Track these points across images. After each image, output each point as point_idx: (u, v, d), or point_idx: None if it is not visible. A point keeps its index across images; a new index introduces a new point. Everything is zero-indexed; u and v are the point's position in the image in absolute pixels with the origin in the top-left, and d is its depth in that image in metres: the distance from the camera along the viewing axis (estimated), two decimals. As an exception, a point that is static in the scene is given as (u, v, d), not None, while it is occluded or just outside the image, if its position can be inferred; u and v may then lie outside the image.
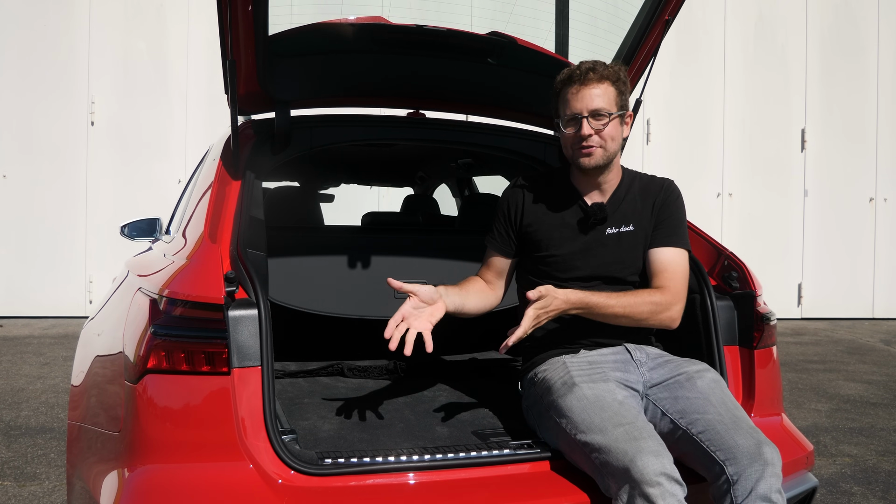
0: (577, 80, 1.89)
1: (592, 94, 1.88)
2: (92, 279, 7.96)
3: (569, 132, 1.91)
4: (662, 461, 1.54)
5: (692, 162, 8.75)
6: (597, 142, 1.89)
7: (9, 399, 4.48)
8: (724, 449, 1.63)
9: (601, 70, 1.90)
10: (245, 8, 1.84)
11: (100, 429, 1.81)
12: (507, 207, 2.05)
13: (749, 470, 1.59)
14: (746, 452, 1.60)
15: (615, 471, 1.56)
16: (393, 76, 2.42)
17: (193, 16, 8.08)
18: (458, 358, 2.80)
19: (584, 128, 1.88)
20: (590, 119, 1.88)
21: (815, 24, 9.00)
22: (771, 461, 1.60)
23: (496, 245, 2.07)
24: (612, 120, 1.89)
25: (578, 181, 2.01)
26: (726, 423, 1.67)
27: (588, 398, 1.72)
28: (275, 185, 3.43)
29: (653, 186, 2.03)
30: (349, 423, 2.01)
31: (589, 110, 1.88)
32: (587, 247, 1.95)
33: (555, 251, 1.96)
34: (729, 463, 1.61)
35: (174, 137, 8.11)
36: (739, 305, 2.05)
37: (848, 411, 4.52)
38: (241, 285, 1.67)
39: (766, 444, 1.62)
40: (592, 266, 1.94)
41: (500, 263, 2.07)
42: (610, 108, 1.89)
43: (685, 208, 2.02)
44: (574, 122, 1.90)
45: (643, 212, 1.98)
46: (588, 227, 1.96)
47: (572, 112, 1.90)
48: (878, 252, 9.11)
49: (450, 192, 4.47)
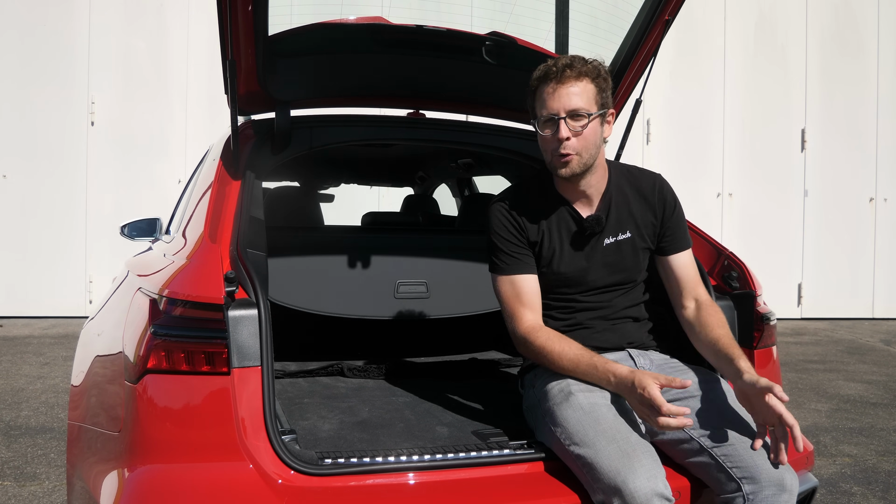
0: (553, 78, 1.77)
1: (570, 92, 1.75)
2: (92, 279, 7.96)
3: (546, 134, 1.80)
4: (655, 482, 1.51)
5: (692, 162, 8.75)
6: (573, 148, 1.77)
7: (9, 399, 4.48)
8: (743, 467, 1.60)
9: (579, 66, 1.77)
10: (245, 8, 1.84)
11: (100, 429, 1.81)
12: (507, 226, 1.90)
13: (767, 492, 1.57)
14: (767, 475, 1.58)
15: (606, 488, 1.54)
16: (393, 76, 2.42)
17: (193, 16, 8.08)
18: (458, 358, 2.80)
19: (561, 130, 1.76)
20: (567, 120, 1.76)
21: (815, 24, 9.00)
22: (790, 489, 1.58)
23: (522, 266, 1.88)
24: (591, 121, 1.77)
25: (563, 188, 1.91)
26: (746, 441, 1.64)
27: (584, 408, 1.68)
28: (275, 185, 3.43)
29: (644, 184, 1.95)
30: (349, 423, 2.00)
31: (567, 110, 1.76)
32: (589, 262, 1.90)
33: (558, 268, 1.89)
34: (747, 482, 1.59)
35: (174, 137, 8.11)
36: (739, 305, 2.05)
37: (848, 411, 4.52)
38: (241, 285, 1.67)
39: (788, 471, 1.60)
40: (597, 278, 1.91)
41: (533, 283, 1.88)
42: (589, 107, 1.77)
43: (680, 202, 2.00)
44: (551, 123, 1.78)
45: (637, 213, 1.93)
46: (585, 240, 1.90)
47: (549, 112, 1.77)
48: (878, 252, 9.11)
49: (450, 192, 4.47)
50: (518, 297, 1.87)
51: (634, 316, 1.95)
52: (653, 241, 1.95)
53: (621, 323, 1.93)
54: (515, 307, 1.87)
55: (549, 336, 1.81)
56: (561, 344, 1.78)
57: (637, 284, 1.97)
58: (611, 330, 1.91)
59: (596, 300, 1.92)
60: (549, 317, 1.91)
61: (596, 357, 1.74)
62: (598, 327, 1.90)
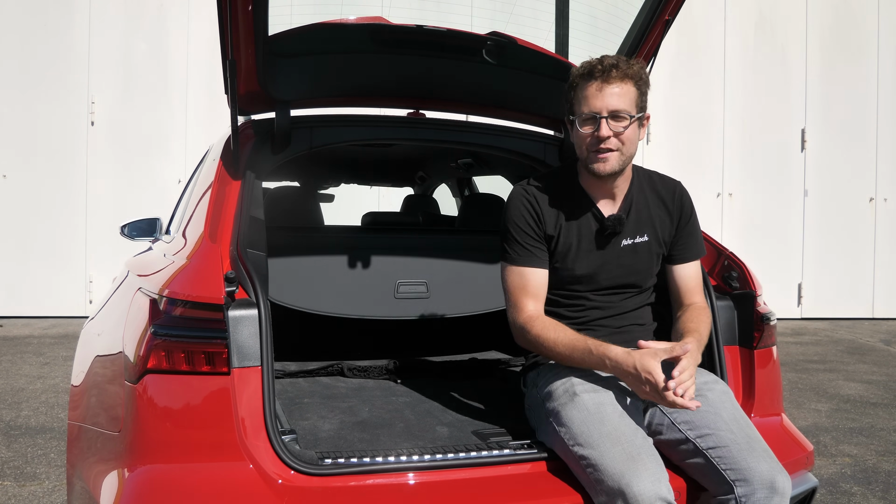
0: (598, 77, 1.76)
1: (614, 93, 1.75)
2: (92, 279, 7.96)
3: (585, 131, 1.79)
4: (658, 486, 1.52)
5: (692, 162, 8.75)
6: (614, 145, 1.77)
7: (9, 399, 4.48)
8: (737, 469, 1.61)
9: (624, 68, 1.76)
10: (245, 8, 1.84)
11: (100, 429, 1.81)
12: (526, 216, 1.88)
13: (759, 494, 1.58)
14: (759, 478, 1.59)
15: (609, 490, 1.54)
16: (393, 76, 2.42)
17: (193, 16, 8.08)
18: (458, 358, 2.80)
19: (602, 129, 1.75)
20: (609, 120, 1.76)
21: (815, 24, 9.00)
22: (782, 492, 1.59)
23: (534, 260, 1.86)
24: (632, 123, 1.78)
25: (589, 184, 1.90)
26: (740, 443, 1.65)
27: (589, 409, 1.68)
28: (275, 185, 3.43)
29: (665, 190, 1.97)
30: (349, 423, 2.00)
31: (609, 110, 1.75)
32: (604, 261, 1.90)
33: (573, 265, 1.89)
34: (739, 484, 1.60)
35: (174, 137, 8.11)
36: (739, 305, 2.05)
37: (848, 411, 4.52)
38: (241, 285, 1.67)
39: (780, 474, 1.61)
40: (609, 278, 1.91)
41: (542, 277, 1.88)
42: (630, 109, 1.77)
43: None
44: (592, 121, 1.77)
45: (656, 217, 1.94)
46: (604, 239, 1.89)
47: (591, 111, 1.76)
48: (878, 252, 9.11)
49: (450, 192, 4.47)
50: (524, 288, 1.86)
51: (640, 319, 1.96)
52: (666, 248, 1.96)
53: (627, 325, 1.93)
54: (519, 297, 1.86)
55: (546, 325, 1.81)
56: (556, 331, 1.78)
57: (646, 289, 1.97)
58: (617, 332, 1.91)
59: (605, 300, 1.92)
60: (558, 314, 1.91)
61: (590, 341, 1.74)
62: (604, 328, 1.90)
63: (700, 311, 1.89)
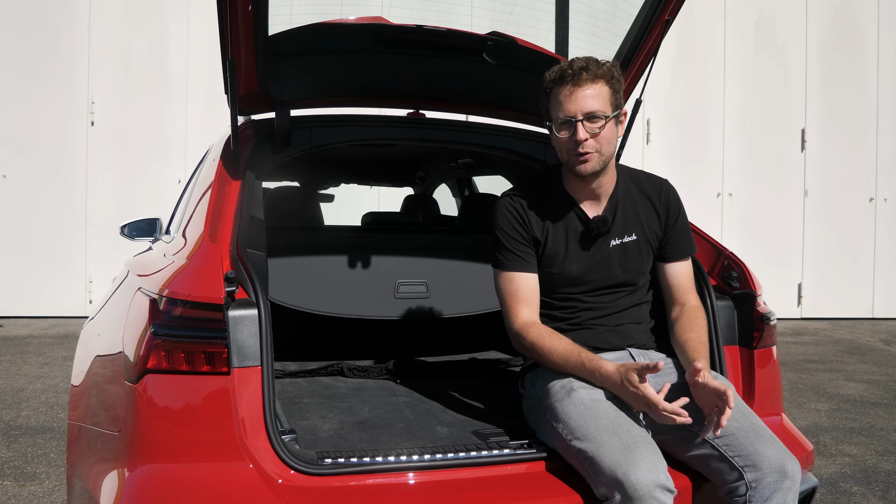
0: (569, 80, 1.79)
1: (586, 94, 1.78)
2: (92, 279, 7.96)
3: (563, 136, 1.82)
4: (656, 473, 1.53)
5: (692, 162, 8.75)
6: (592, 146, 1.79)
7: (9, 399, 4.48)
8: (744, 455, 1.62)
9: (594, 69, 1.79)
10: (245, 8, 1.84)
11: (100, 429, 1.81)
12: (513, 222, 1.91)
13: (769, 478, 1.59)
14: (769, 462, 1.60)
15: (608, 481, 1.56)
16: (393, 76, 2.42)
17: (193, 16, 8.08)
18: (458, 358, 2.80)
19: (579, 132, 1.78)
20: (585, 122, 1.78)
21: (815, 24, 9.00)
22: (793, 476, 1.60)
23: (523, 265, 1.89)
24: (607, 122, 1.80)
25: (573, 187, 1.92)
26: (745, 430, 1.66)
27: (585, 404, 1.70)
28: (275, 185, 3.43)
29: (651, 189, 1.98)
30: (349, 423, 2.00)
31: (583, 113, 1.78)
32: (593, 262, 1.91)
33: (563, 268, 1.90)
34: (748, 470, 1.61)
35: (174, 137, 8.11)
36: (739, 305, 2.05)
37: (848, 411, 4.52)
38: (241, 285, 1.67)
39: (788, 458, 1.62)
40: (600, 279, 1.92)
41: (533, 282, 1.90)
42: (605, 109, 1.79)
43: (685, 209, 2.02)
44: (568, 125, 1.80)
45: (643, 216, 1.95)
46: (591, 241, 1.91)
47: (566, 115, 1.79)
48: (878, 252, 9.11)
49: (450, 192, 4.47)
50: (516, 293, 1.89)
51: (636, 317, 1.96)
52: (656, 246, 1.97)
53: (623, 324, 1.93)
54: (512, 303, 1.89)
55: (541, 332, 1.83)
56: (551, 340, 1.81)
57: (640, 287, 1.98)
58: (612, 331, 1.92)
59: (599, 301, 1.93)
60: (552, 316, 1.92)
61: (584, 354, 1.76)
62: (599, 328, 1.91)
63: (695, 316, 1.90)
